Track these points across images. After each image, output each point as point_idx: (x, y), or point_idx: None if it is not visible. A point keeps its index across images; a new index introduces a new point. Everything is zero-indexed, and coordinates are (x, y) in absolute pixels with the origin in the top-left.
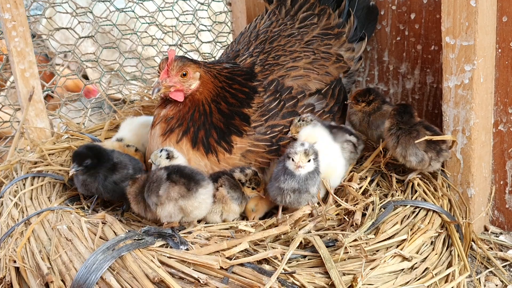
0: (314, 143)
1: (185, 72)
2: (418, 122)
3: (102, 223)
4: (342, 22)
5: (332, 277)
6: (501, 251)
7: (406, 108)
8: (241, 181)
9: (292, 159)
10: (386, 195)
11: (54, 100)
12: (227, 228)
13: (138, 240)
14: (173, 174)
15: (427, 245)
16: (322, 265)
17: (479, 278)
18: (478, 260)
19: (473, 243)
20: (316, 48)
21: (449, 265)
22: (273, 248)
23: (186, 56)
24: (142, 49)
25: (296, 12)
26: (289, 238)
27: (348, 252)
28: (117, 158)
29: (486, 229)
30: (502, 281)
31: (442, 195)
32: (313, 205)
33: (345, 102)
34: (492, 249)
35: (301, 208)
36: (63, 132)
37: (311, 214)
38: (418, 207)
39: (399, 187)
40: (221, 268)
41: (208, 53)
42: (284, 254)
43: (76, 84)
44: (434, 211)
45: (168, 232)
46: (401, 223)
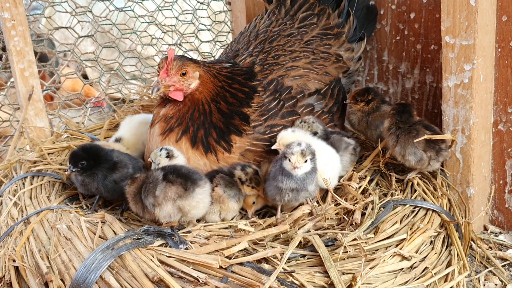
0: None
1: (185, 72)
2: (418, 122)
3: (102, 223)
4: (342, 22)
5: (332, 276)
6: (501, 251)
7: (406, 107)
8: (241, 180)
9: (289, 160)
10: (386, 195)
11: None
12: (227, 228)
13: (138, 240)
14: (170, 174)
15: (427, 245)
16: (322, 265)
17: (479, 278)
18: (478, 260)
19: (473, 243)
20: (316, 48)
21: (449, 265)
22: (273, 248)
23: (186, 56)
24: (142, 49)
25: (296, 12)
26: (289, 238)
27: (348, 252)
28: (117, 157)
29: (486, 229)
30: (502, 281)
31: (442, 195)
32: (313, 205)
33: (344, 102)
34: (492, 249)
35: (301, 208)
36: (63, 132)
37: (311, 213)
38: (418, 207)
39: (399, 187)
40: (221, 267)
41: (208, 53)
42: (284, 254)
43: (75, 84)
44: (434, 211)
45: (168, 232)
46: (401, 223)
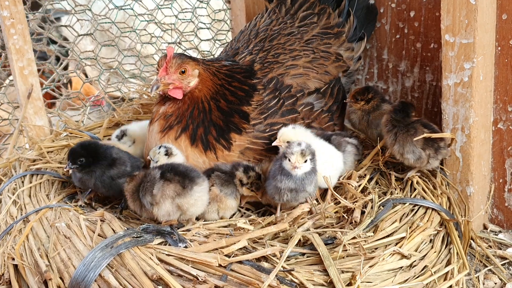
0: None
1: (184, 70)
2: (416, 120)
3: (101, 221)
4: (342, 22)
5: (331, 275)
6: (500, 249)
7: (404, 106)
8: (242, 182)
9: (289, 159)
10: (385, 193)
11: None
12: (226, 226)
13: (137, 238)
14: (168, 173)
15: (426, 243)
16: (321, 263)
17: (478, 276)
18: (477, 258)
19: (472, 241)
20: (316, 47)
21: (448, 263)
22: (272, 246)
23: (185, 54)
24: (141, 47)
25: (296, 11)
26: (288, 236)
27: (347, 250)
28: (117, 154)
29: (485, 227)
30: (501, 279)
31: (441, 193)
32: (312, 203)
33: (344, 101)
34: (491, 247)
35: (300, 206)
36: (62, 130)
37: (310, 212)
38: (417, 205)
39: (398, 185)
40: (220, 266)
41: (207, 51)
42: (283, 252)
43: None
44: (433, 209)
45: (167, 230)
46: (400, 221)
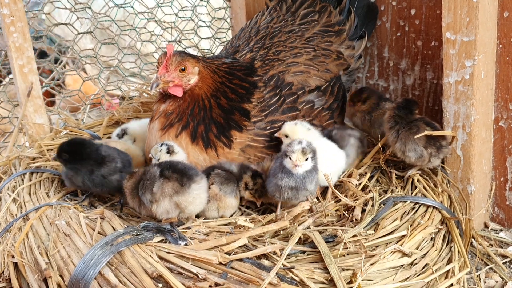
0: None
1: (184, 67)
2: (419, 118)
3: (101, 219)
4: (343, 20)
5: (331, 273)
6: (501, 248)
7: (408, 103)
8: (247, 186)
9: (290, 158)
10: (386, 191)
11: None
12: (226, 224)
13: (137, 235)
14: (166, 170)
15: (427, 241)
16: (321, 261)
17: (479, 275)
18: (478, 257)
19: (473, 240)
20: (317, 45)
21: (449, 261)
22: (272, 244)
23: (185, 51)
24: (141, 45)
25: (297, 9)
26: (288, 234)
27: (348, 248)
28: (105, 152)
29: (486, 226)
30: (502, 278)
31: (442, 191)
32: (312, 201)
33: (344, 106)
34: (492, 246)
35: (300, 204)
36: (62, 128)
37: (311, 210)
38: (418, 203)
39: (399, 183)
40: (220, 263)
41: (207, 49)
42: (283, 250)
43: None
44: (434, 207)
45: (167, 228)
46: (401, 219)
